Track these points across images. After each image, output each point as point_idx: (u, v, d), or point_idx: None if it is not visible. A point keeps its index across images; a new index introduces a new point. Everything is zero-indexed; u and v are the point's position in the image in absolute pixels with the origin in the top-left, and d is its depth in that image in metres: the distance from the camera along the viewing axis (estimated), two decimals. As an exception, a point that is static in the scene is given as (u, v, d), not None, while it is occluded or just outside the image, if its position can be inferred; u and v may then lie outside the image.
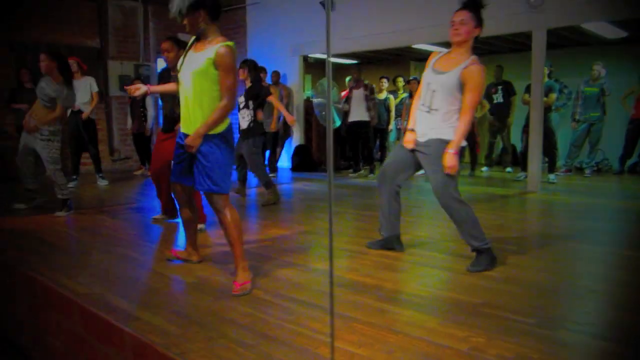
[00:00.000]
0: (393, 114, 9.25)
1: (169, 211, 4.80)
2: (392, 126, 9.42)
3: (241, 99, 5.73)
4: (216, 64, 2.77)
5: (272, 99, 5.95)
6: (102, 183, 7.32)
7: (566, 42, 8.81)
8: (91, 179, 7.58)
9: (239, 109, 5.73)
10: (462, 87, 3.11)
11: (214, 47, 2.78)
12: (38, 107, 4.98)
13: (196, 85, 2.83)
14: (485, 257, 3.23)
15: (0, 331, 3.54)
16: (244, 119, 5.65)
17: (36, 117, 4.92)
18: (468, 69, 3.10)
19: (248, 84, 5.77)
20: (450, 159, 3.18)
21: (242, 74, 5.78)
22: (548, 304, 2.68)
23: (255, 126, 5.63)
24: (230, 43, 2.82)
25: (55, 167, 4.94)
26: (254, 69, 5.83)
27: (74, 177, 7.24)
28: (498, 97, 8.35)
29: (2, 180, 7.38)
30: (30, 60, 8.10)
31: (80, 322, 2.57)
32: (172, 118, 4.38)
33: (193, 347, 2.13)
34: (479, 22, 3.23)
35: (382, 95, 9.23)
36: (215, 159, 2.86)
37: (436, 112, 3.21)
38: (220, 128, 2.89)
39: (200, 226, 4.35)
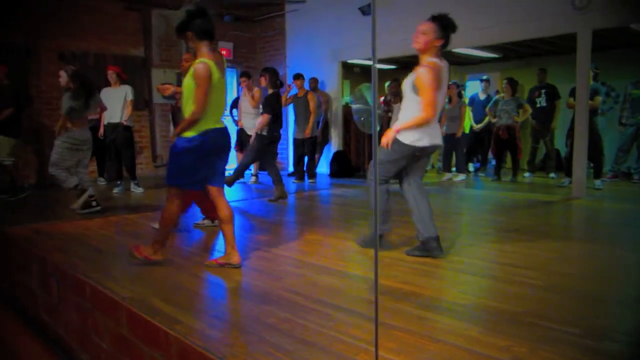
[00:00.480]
0: (432, 119, 9.16)
1: (210, 215, 4.88)
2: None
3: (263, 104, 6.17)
4: (193, 77, 3.22)
5: (310, 105, 6.15)
6: (137, 190, 7.38)
7: (613, 44, 8.54)
8: (128, 186, 7.73)
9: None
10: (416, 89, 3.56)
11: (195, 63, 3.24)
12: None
13: (186, 95, 3.30)
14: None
15: (50, 333, 3.68)
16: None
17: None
18: (417, 72, 3.55)
19: (270, 91, 6.05)
20: (386, 135, 3.60)
21: (263, 82, 6.12)
22: (593, 313, 2.61)
23: (269, 129, 6.11)
24: (206, 60, 3.24)
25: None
26: (274, 76, 6.12)
27: (118, 182, 7.38)
28: (541, 101, 8.17)
29: (42, 187, 7.66)
30: (78, 69, 8.41)
31: (126, 324, 2.65)
32: None
33: (233, 351, 2.17)
34: (442, 36, 3.60)
35: (422, 101, 9.16)
36: (173, 155, 3.39)
37: (404, 112, 3.67)
38: (190, 133, 3.30)
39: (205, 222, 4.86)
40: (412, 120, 3.53)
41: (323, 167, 9.66)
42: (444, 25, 3.60)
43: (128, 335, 2.64)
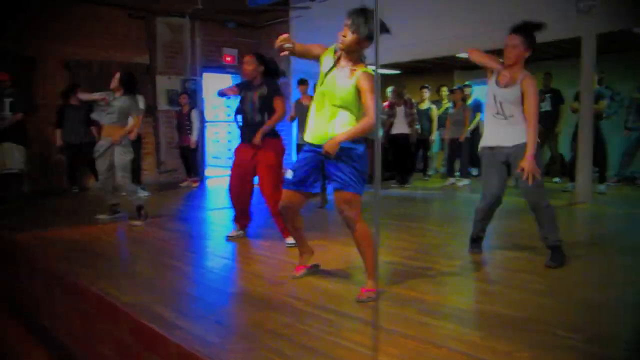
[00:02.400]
0: (435, 124, 9.16)
1: (242, 223, 4.69)
2: (434, 136, 9.33)
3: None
4: (362, 84, 2.87)
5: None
6: (142, 194, 7.45)
7: (618, 48, 8.51)
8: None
9: None
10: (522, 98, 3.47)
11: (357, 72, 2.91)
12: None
13: (342, 98, 2.93)
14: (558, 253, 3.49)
15: (54, 339, 3.68)
16: None
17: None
18: (525, 82, 3.49)
19: None
20: (533, 164, 3.40)
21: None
22: (595, 319, 2.59)
23: None
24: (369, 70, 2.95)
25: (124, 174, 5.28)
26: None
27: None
28: (546, 105, 8.13)
29: (49, 194, 7.72)
30: (83, 77, 8.48)
31: (128, 330, 2.65)
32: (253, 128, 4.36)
33: (234, 357, 2.16)
34: (530, 44, 3.57)
35: (424, 106, 9.17)
36: (356, 162, 2.93)
37: (512, 119, 3.51)
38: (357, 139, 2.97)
39: (239, 232, 4.57)
40: (532, 134, 3.42)
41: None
42: (529, 33, 3.59)
43: (129, 342, 2.64)
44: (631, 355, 2.18)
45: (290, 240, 4.07)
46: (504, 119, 3.54)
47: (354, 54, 2.93)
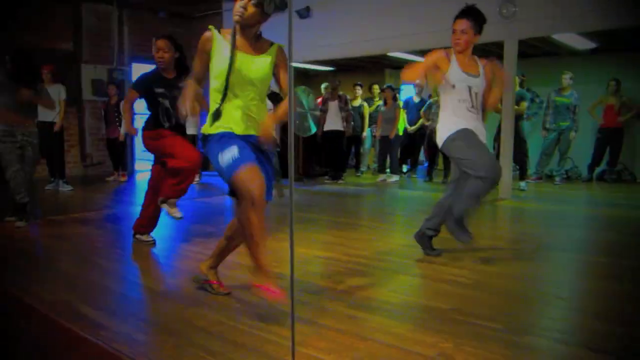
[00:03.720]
0: (367, 121, 9.33)
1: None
2: (366, 133, 9.49)
3: None
4: (278, 62, 2.65)
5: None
6: (66, 189, 7.20)
7: (537, 52, 8.99)
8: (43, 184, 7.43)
9: None
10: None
11: (273, 48, 2.66)
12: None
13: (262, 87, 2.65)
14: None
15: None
16: None
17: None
18: (491, 68, 3.43)
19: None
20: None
21: None
22: (515, 310, 2.73)
23: None
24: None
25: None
26: None
27: (52, 179, 7.32)
28: (471, 106, 8.47)
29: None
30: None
31: (44, 332, 2.53)
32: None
33: (161, 355, 2.11)
34: (479, 30, 3.40)
35: (357, 103, 9.31)
36: None
37: (480, 113, 3.46)
38: None
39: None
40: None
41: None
42: (478, 18, 3.38)
43: (47, 344, 2.52)
44: (548, 343, 2.31)
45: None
46: (476, 113, 3.42)
47: (252, 30, 2.58)
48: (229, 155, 2.43)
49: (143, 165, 10.00)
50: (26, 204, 4.79)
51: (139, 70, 10.17)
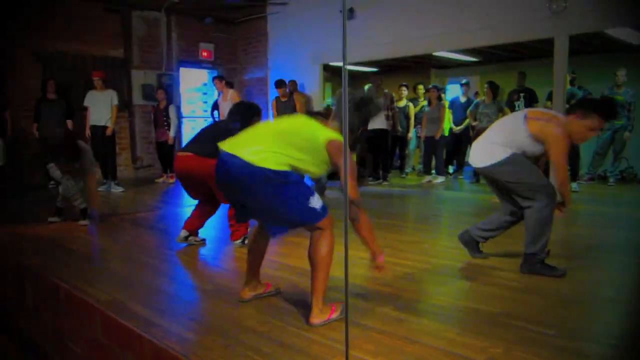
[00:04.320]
0: (412, 121, 9.24)
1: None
2: (411, 134, 9.40)
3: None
4: None
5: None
6: (117, 190, 7.45)
7: (589, 48, 8.69)
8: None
9: None
10: None
11: None
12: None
13: None
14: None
15: (27, 337, 3.61)
16: None
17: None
18: None
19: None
20: None
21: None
22: (568, 314, 2.65)
23: None
24: None
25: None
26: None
27: (104, 181, 7.62)
28: (520, 105, 8.26)
29: (26, 190, 7.57)
30: (56, 70, 8.32)
31: (101, 328, 2.62)
32: None
33: (210, 354, 2.15)
34: None
35: (402, 103, 9.23)
36: None
37: None
38: None
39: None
40: None
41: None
42: None
43: (102, 340, 2.61)
44: (601, 349, 2.23)
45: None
46: None
47: None
48: (319, 202, 2.52)
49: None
50: (86, 209, 5.06)
51: (186, 74, 10.45)
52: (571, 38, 6.31)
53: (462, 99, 9.18)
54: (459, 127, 8.98)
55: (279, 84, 8.55)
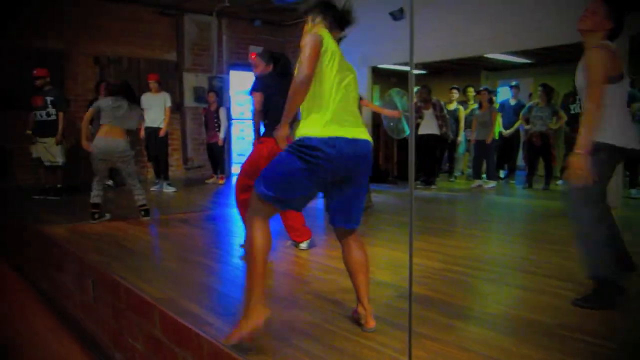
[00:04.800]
0: (462, 124, 9.09)
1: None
2: (461, 138, 9.25)
3: None
4: None
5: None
6: (169, 190, 7.65)
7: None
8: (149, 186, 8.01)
9: None
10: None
11: None
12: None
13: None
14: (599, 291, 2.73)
15: (85, 331, 3.76)
16: None
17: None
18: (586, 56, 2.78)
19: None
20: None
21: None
22: (628, 327, 2.55)
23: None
24: None
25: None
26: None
27: (156, 181, 7.91)
28: (575, 108, 7.99)
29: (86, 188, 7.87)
30: (112, 73, 8.64)
31: (159, 325, 2.69)
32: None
33: (262, 356, 2.18)
34: (612, 17, 2.81)
35: (452, 106, 9.10)
36: None
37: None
38: None
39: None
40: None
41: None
42: (615, 4, 2.81)
43: (160, 336, 2.69)
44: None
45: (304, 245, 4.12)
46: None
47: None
48: None
49: (238, 169, 10.36)
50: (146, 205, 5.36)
51: (236, 77, 10.62)
52: (632, 38, 6.06)
53: (512, 102, 8.97)
54: (508, 131, 8.78)
55: None
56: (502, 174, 9.47)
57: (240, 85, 11.25)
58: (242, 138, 11.55)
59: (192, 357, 2.40)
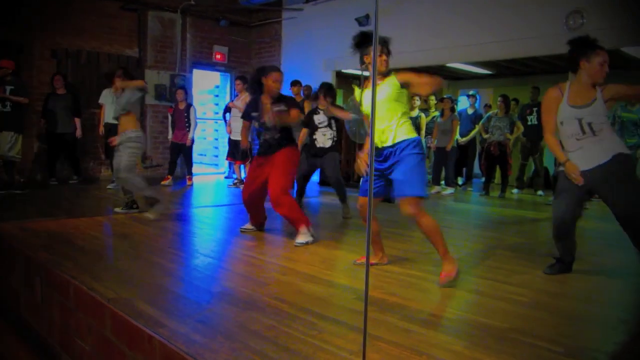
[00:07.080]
0: (423, 132, 9.23)
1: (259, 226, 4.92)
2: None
3: (322, 119, 5.94)
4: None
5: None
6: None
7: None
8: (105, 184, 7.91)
9: (319, 128, 5.93)
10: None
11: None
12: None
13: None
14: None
15: (32, 332, 3.63)
16: (326, 137, 5.93)
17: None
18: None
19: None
20: None
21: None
22: (577, 332, 2.63)
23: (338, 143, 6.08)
24: None
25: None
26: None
27: (113, 179, 7.62)
28: (532, 119, 8.24)
29: (40, 185, 7.62)
30: (70, 66, 8.40)
31: (110, 326, 2.62)
32: (272, 143, 4.54)
33: (217, 357, 2.15)
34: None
35: (414, 113, 9.23)
36: (421, 162, 3.46)
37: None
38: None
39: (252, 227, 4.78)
40: None
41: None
42: None
43: (111, 337, 2.62)
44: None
45: (301, 239, 4.28)
46: (590, 137, 3.46)
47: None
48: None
49: (199, 169, 10.23)
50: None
51: (199, 76, 10.49)
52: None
53: (470, 111, 9.18)
54: (464, 138, 8.99)
55: (295, 83, 8.55)
56: (460, 180, 9.66)
57: (203, 85, 11.13)
58: (203, 138, 11.40)
59: (144, 359, 2.35)
